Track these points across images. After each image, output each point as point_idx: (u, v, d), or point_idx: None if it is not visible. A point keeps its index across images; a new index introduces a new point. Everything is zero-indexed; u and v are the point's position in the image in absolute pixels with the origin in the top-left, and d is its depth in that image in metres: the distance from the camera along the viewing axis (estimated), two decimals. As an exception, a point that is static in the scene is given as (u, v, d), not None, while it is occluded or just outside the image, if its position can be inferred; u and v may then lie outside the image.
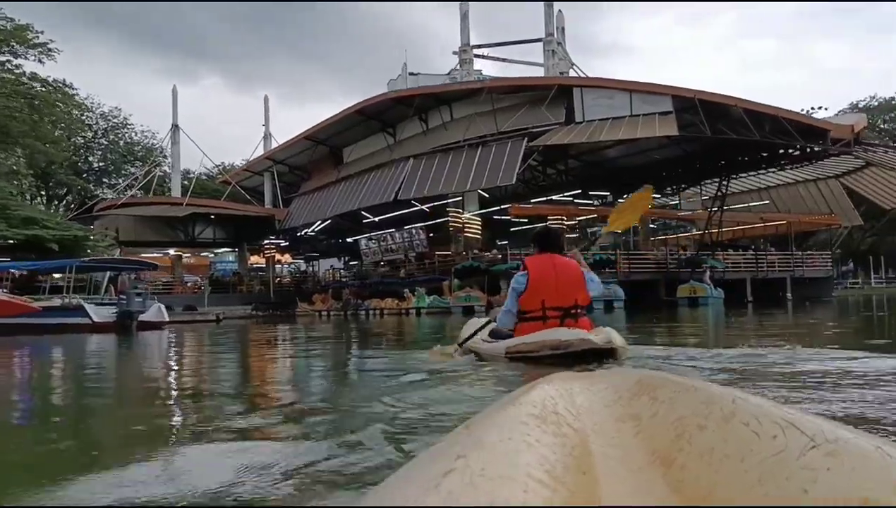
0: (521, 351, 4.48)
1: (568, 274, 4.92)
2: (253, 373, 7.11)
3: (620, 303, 28.37)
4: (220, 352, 11.04)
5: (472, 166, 27.95)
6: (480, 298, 28.33)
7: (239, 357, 9.98)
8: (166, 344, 13.91)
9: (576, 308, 4.90)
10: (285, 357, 9.48)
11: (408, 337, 9.09)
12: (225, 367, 8.07)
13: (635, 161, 33.98)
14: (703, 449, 0.66)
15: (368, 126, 35.53)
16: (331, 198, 35.85)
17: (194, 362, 9.07)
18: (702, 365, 4.58)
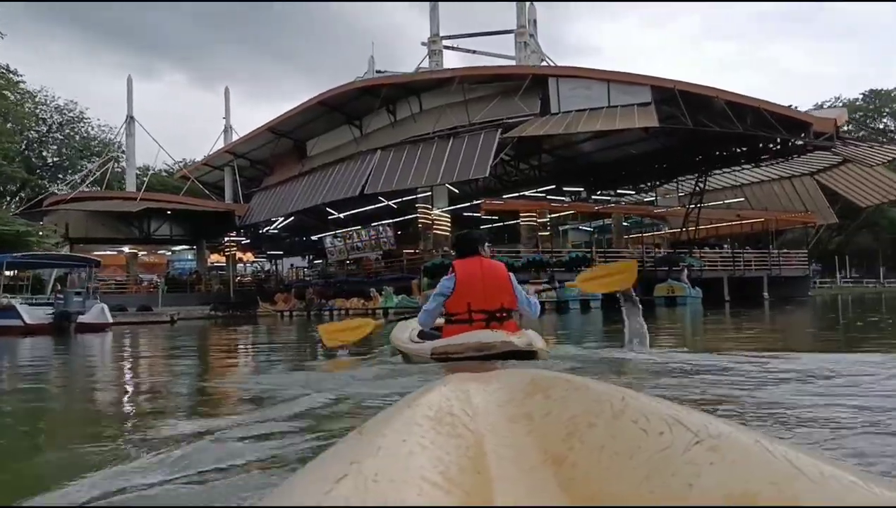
0: (447, 352, 4.47)
1: (494, 277, 4.92)
2: (175, 385, 6.01)
3: (597, 303, 26.95)
4: (160, 358, 10.12)
5: (443, 159, 26.34)
6: (451, 297, 26.67)
7: (179, 362, 9.08)
8: (103, 349, 12.49)
9: (501, 311, 4.88)
10: (225, 364, 8.70)
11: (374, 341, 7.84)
12: (154, 376, 7.16)
13: (611, 155, 32.67)
14: (594, 447, 0.67)
15: (332, 118, 33.73)
16: (294, 192, 33.98)
17: (119, 370, 8.05)
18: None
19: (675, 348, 6.99)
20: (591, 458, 0.67)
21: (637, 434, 0.66)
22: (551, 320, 19.79)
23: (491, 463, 0.69)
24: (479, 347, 4.28)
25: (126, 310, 30.90)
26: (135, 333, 18.97)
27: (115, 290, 36.94)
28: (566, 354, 5.49)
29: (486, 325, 4.75)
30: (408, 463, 0.62)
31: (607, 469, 0.64)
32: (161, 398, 4.92)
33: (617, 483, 0.61)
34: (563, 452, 0.70)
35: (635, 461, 0.62)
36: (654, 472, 0.60)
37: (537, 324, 7.98)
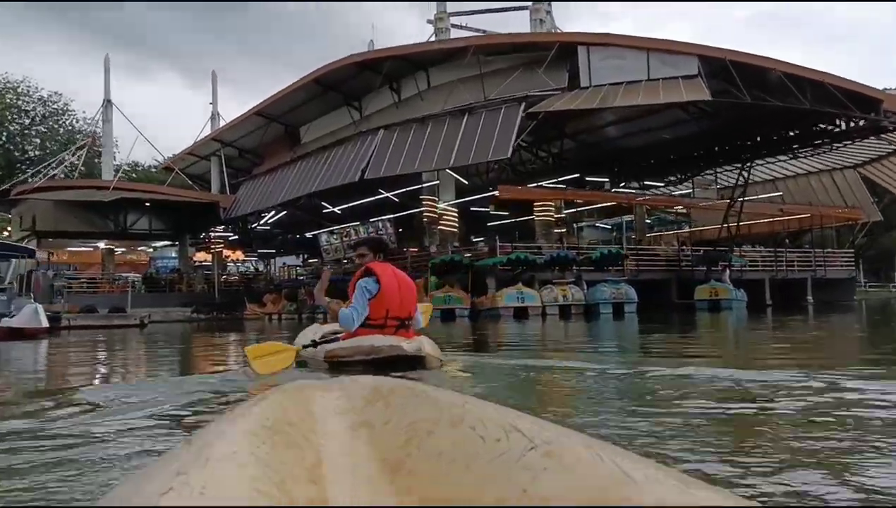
0: (338, 356, 4.43)
1: (409, 285, 5.05)
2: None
3: (633, 307, 22.88)
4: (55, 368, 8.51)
5: (457, 139, 22.22)
6: (463, 299, 22.64)
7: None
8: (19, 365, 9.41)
9: (409, 319, 4.97)
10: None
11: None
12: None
13: (638, 141, 28.57)
14: (432, 454, 0.67)
15: (329, 99, 29.56)
16: (284, 180, 29.76)
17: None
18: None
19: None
20: (428, 465, 0.66)
21: (475, 440, 0.65)
22: (576, 328, 16.02)
23: (327, 473, 0.67)
24: (369, 351, 4.25)
25: (96, 312, 26.67)
26: (86, 341, 15.04)
27: (85, 289, 32.59)
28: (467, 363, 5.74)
29: (395, 331, 4.75)
30: (239, 475, 0.59)
31: (445, 475, 0.63)
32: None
33: (454, 490, 0.61)
34: (401, 459, 0.69)
35: (472, 467, 0.62)
36: (490, 478, 0.60)
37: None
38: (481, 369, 5.84)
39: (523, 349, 10.17)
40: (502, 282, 23.16)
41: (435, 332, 11.93)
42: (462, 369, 5.63)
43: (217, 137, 36.16)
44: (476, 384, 4.75)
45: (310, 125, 31.73)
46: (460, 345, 11.09)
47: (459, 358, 6.60)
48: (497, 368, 5.98)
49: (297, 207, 36.16)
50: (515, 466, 0.60)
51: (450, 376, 5.11)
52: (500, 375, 5.40)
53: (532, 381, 5.17)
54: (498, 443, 0.64)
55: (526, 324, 18.47)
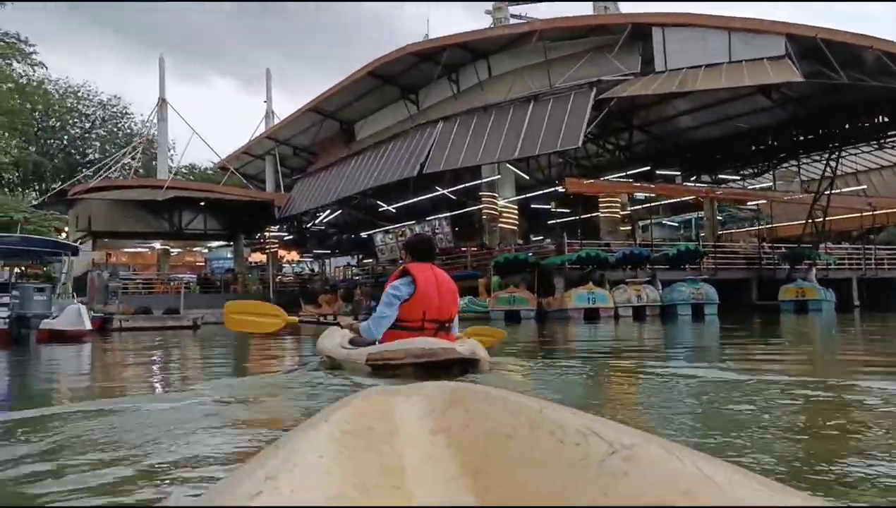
0: (385, 359, 4.06)
1: (448, 286, 4.66)
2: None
3: (713, 308, 20.97)
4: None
5: (522, 129, 20.64)
6: (528, 300, 21.04)
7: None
8: (52, 373, 7.94)
9: (449, 321, 4.66)
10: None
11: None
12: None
13: (712, 132, 26.54)
14: (511, 459, 0.67)
15: (385, 92, 28.23)
16: (340, 177, 28.55)
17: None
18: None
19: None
20: (508, 469, 0.66)
21: (553, 444, 0.65)
22: (655, 331, 14.55)
23: (409, 478, 0.68)
24: (421, 354, 3.95)
25: (150, 313, 25.79)
26: (137, 343, 14.06)
27: (142, 291, 31.90)
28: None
29: (434, 334, 4.43)
30: (325, 479, 0.60)
31: (525, 479, 0.63)
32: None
33: (534, 494, 0.61)
34: (480, 463, 0.69)
35: (552, 471, 0.62)
36: (570, 482, 0.60)
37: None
38: (560, 374, 5.33)
39: (604, 353, 8.73)
40: (571, 282, 21.51)
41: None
42: (538, 374, 5.32)
43: (271, 135, 35.22)
44: (554, 391, 4.26)
45: (365, 121, 30.48)
46: (529, 348, 9.83)
47: (533, 362, 6.09)
48: (577, 373, 5.48)
49: (351, 206, 35.11)
50: (596, 470, 0.59)
51: (521, 381, 4.87)
52: (580, 380, 4.96)
53: (622, 388, 4.68)
54: (577, 447, 0.63)
55: (598, 327, 16.88)
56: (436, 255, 4.96)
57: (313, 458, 0.64)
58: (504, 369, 5.21)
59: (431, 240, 5.13)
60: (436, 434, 0.78)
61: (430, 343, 4.10)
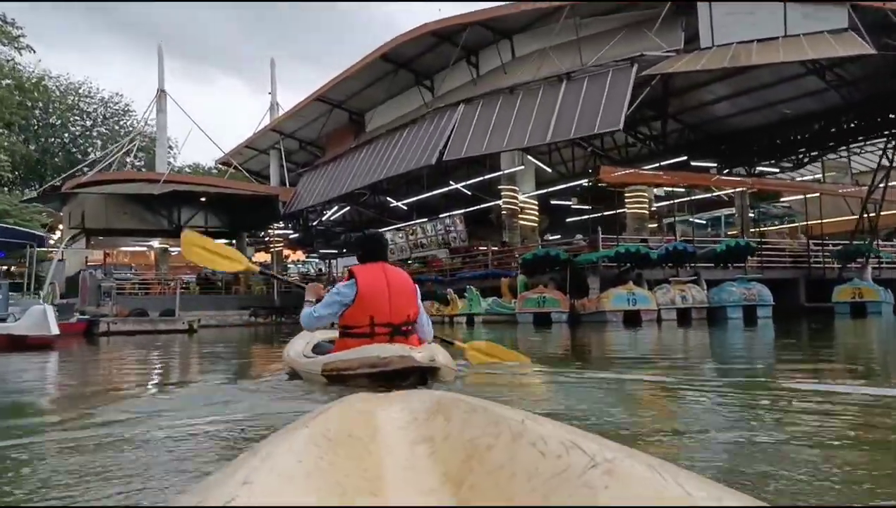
0: (339, 369, 3.75)
1: (401, 286, 4.13)
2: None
3: (767, 311, 18.62)
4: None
5: (554, 111, 18.30)
6: (560, 301, 18.72)
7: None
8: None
9: (407, 324, 4.11)
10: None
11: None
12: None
13: (753, 120, 24.16)
14: (492, 469, 0.66)
15: (397, 79, 25.91)
16: (349, 168, 26.19)
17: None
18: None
19: None
20: (489, 480, 0.65)
21: (535, 456, 0.64)
22: (697, 337, 12.29)
23: (389, 486, 0.67)
24: (375, 363, 3.58)
25: (146, 315, 23.48)
26: (118, 350, 12.07)
27: (138, 291, 29.54)
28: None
29: (390, 340, 3.94)
30: (302, 485, 0.59)
31: (505, 491, 0.62)
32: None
33: (515, 505, 0.60)
34: (462, 474, 0.68)
35: (533, 483, 0.61)
36: (551, 494, 0.59)
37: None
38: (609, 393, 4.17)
39: (668, 366, 6.75)
40: (606, 282, 19.16)
41: (531, 342, 10.38)
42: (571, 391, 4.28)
43: (276, 128, 32.91)
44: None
45: (376, 110, 28.14)
46: (561, 357, 8.20)
47: (564, 375, 5.07)
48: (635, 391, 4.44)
49: (359, 204, 32.80)
50: (576, 483, 0.58)
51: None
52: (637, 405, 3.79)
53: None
54: (559, 460, 0.62)
55: (641, 332, 14.62)
56: (387, 254, 4.45)
57: (292, 463, 0.62)
58: (481, 379, 4.78)
59: (381, 238, 4.62)
60: (417, 444, 0.76)
61: (386, 350, 3.68)
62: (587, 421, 2.88)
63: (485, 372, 5.10)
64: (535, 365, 5.86)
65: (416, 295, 4.24)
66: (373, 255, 4.24)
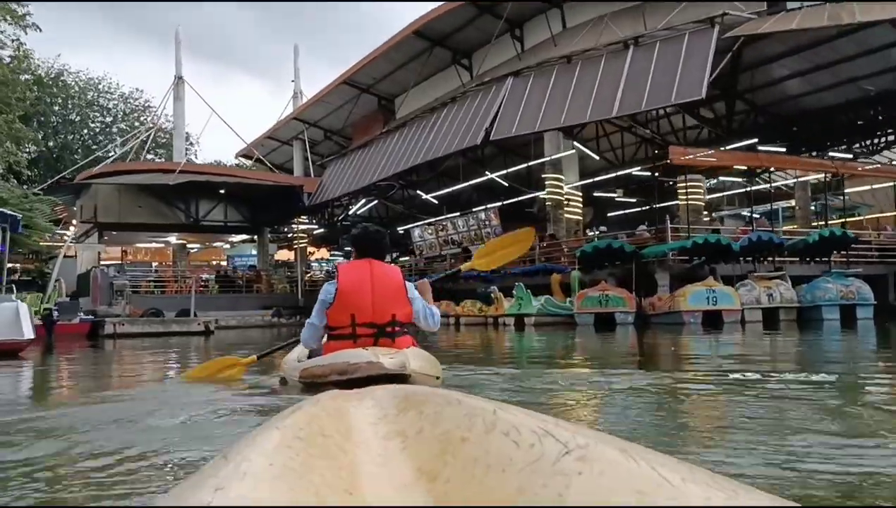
0: (313, 376, 3.63)
1: (386, 284, 3.84)
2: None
3: (868, 310, 15.93)
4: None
5: (620, 80, 15.68)
6: (626, 300, 16.08)
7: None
8: None
9: (393, 325, 3.83)
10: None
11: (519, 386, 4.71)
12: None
13: (828, 98, 21.31)
14: (467, 461, 0.66)
15: (433, 58, 23.42)
16: (380, 155, 23.67)
17: None
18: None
19: None
20: (464, 473, 0.64)
21: (509, 446, 0.64)
22: (784, 346, 9.84)
23: (364, 483, 0.66)
24: (343, 370, 3.40)
25: (161, 316, 21.10)
26: (105, 357, 10.19)
27: (154, 290, 27.20)
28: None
29: (375, 342, 3.76)
30: (276, 487, 0.58)
31: (480, 482, 0.62)
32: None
33: (490, 496, 0.60)
34: (436, 468, 0.67)
35: (507, 473, 0.61)
36: (525, 484, 0.59)
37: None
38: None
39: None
40: (675, 278, 16.52)
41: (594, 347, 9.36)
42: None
43: (299, 116, 30.51)
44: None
45: (407, 94, 25.57)
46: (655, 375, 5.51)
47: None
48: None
49: (387, 198, 30.29)
50: (550, 471, 0.58)
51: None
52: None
53: None
54: (532, 449, 0.62)
55: (727, 336, 12.05)
56: (385, 251, 4.01)
57: (264, 466, 0.61)
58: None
59: (378, 234, 4.00)
60: (390, 439, 0.76)
61: (357, 356, 3.43)
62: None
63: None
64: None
65: (404, 294, 3.90)
66: (364, 253, 3.95)
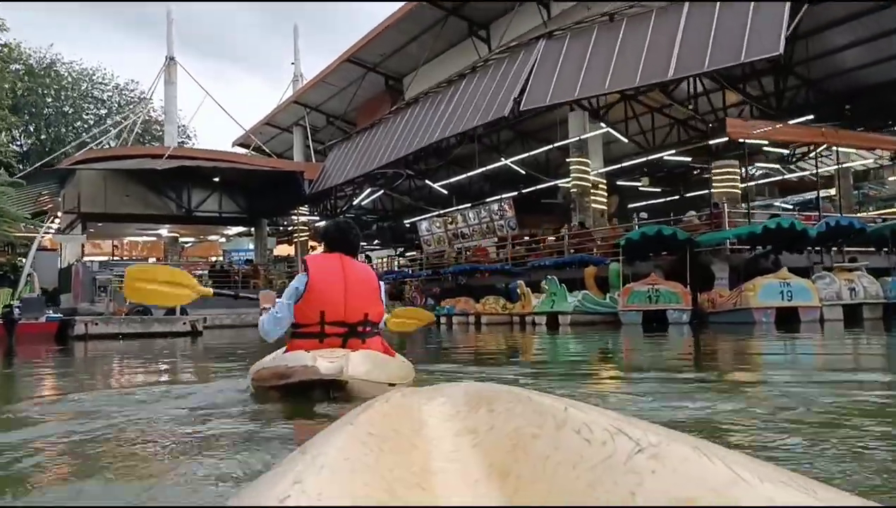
0: (261, 378, 3.49)
1: (360, 280, 3.53)
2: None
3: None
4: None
5: (675, 39, 13.15)
6: (680, 296, 13.58)
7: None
8: None
9: (364, 324, 3.53)
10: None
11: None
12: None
13: (889, 71, 18.67)
14: (538, 458, 0.65)
15: (447, 30, 20.90)
16: (389, 135, 21.10)
17: None
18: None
19: None
20: (535, 469, 0.63)
21: (580, 444, 0.63)
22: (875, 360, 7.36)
23: (436, 479, 0.66)
24: (283, 374, 3.19)
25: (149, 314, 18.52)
26: (48, 366, 8.42)
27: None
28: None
29: (343, 342, 3.45)
30: (352, 481, 0.59)
31: (552, 479, 0.61)
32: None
33: (561, 493, 0.59)
34: (507, 464, 0.66)
35: (579, 470, 0.60)
36: (597, 481, 0.58)
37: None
38: None
39: None
40: (736, 270, 14.04)
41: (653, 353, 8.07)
42: None
43: (300, 100, 27.96)
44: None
45: (417, 72, 22.94)
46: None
47: None
48: None
49: (392, 189, 27.82)
50: (622, 469, 0.57)
51: None
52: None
53: None
54: (604, 446, 0.61)
55: (814, 337, 9.84)
56: (357, 246, 3.67)
57: (339, 461, 0.62)
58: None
59: (349, 227, 3.72)
60: (461, 436, 0.76)
61: (294, 359, 3.17)
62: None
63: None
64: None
65: (377, 292, 3.59)
66: (334, 247, 3.59)
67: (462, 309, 18.49)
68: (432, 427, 0.78)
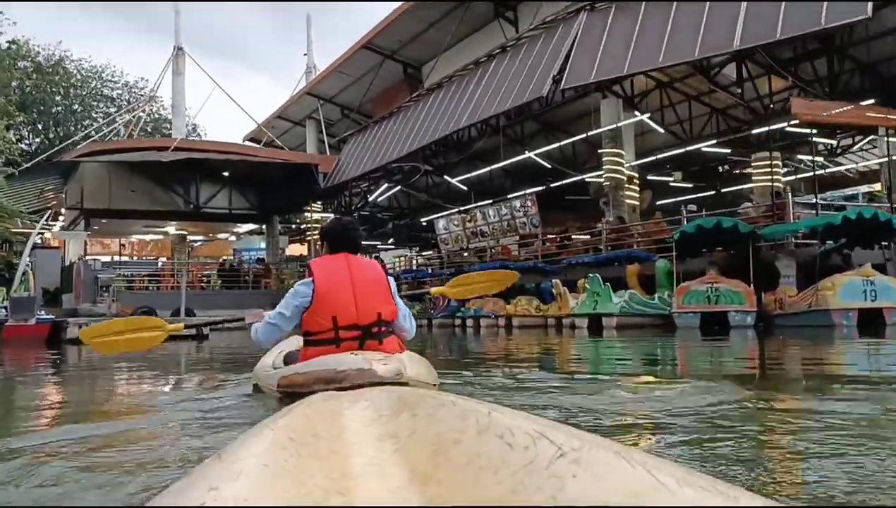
0: (294, 385, 2.95)
1: (368, 279, 3.17)
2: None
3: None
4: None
5: (739, 5, 11.36)
6: (743, 296, 11.94)
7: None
8: None
9: (379, 325, 3.13)
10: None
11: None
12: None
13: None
14: (460, 464, 0.64)
15: (470, 12, 19.28)
16: (409, 124, 19.52)
17: None
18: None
19: None
20: (456, 475, 0.62)
21: (502, 448, 0.62)
22: None
23: (356, 485, 0.64)
24: (331, 378, 2.79)
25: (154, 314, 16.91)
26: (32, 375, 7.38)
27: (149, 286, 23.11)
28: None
29: (360, 345, 3.07)
30: (270, 488, 0.57)
31: (474, 485, 0.60)
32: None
33: (483, 498, 0.58)
34: (429, 470, 0.65)
35: (501, 475, 0.59)
36: (519, 486, 0.57)
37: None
38: None
39: None
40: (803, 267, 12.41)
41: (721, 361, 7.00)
42: None
43: (313, 91, 26.44)
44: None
45: (438, 60, 21.33)
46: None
47: None
48: None
49: (409, 185, 26.26)
50: (544, 474, 0.56)
51: None
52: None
53: None
54: (526, 451, 0.60)
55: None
56: (359, 244, 3.31)
57: (257, 467, 0.59)
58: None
59: (352, 225, 3.40)
60: (383, 441, 0.73)
61: (343, 362, 2.81)
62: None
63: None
64: None
65: (388, 289, 3.23)
66: (337, 247, 3.26)
67: (491, 310, 16.87)
68: (354, 432, 0.74)
